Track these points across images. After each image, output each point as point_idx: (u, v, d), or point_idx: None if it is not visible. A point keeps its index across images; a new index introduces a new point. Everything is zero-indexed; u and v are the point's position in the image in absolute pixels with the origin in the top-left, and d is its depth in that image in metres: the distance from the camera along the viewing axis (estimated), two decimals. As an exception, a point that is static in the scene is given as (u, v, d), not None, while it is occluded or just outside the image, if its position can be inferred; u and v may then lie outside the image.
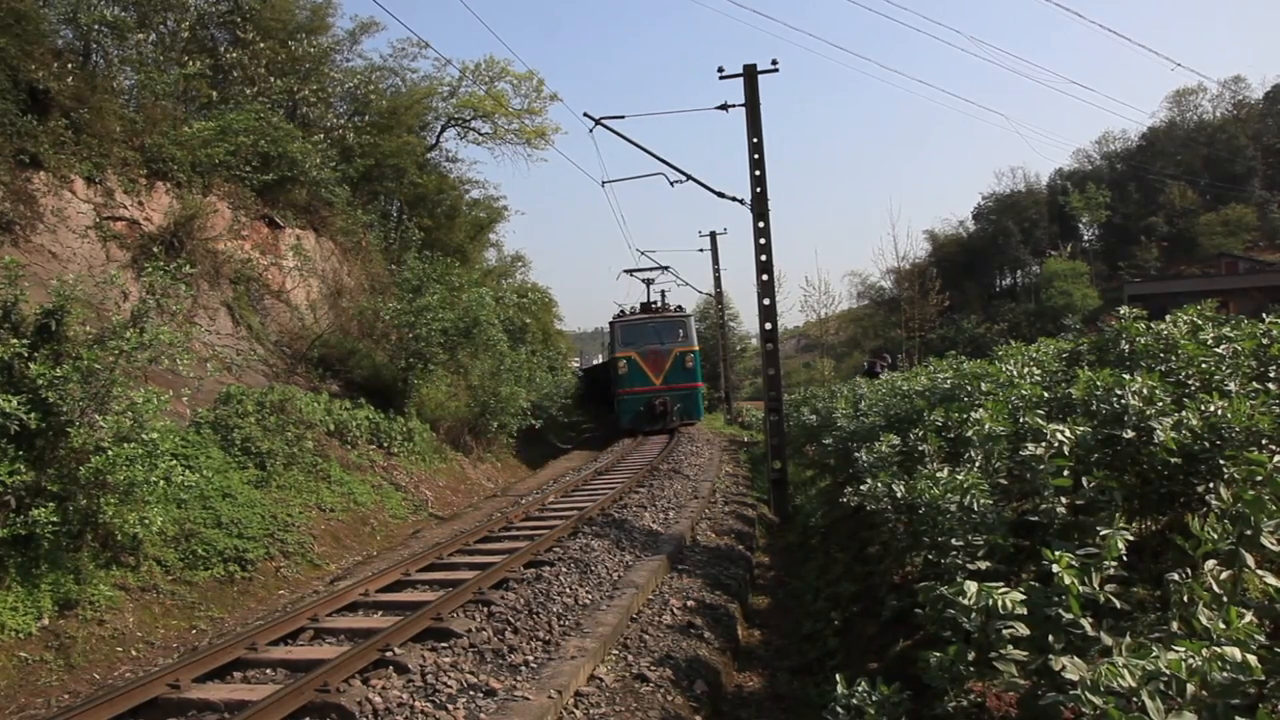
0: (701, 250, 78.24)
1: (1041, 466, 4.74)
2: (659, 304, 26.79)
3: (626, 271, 31.46)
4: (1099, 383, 5.32)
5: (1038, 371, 8.20)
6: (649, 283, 29.53)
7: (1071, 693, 2.62)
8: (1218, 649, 2.54)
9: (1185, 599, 3.27)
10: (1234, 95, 74.44)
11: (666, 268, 29.14)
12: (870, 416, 10.61)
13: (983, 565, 4.70)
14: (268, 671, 5.59)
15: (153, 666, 6.37)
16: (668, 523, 10.51)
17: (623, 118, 15.54)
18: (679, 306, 26.38)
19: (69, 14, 14.71)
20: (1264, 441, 4.25)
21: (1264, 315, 7.12)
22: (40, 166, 11.93)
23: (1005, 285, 71.94)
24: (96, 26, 15.20)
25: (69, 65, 13.57)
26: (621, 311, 25.99)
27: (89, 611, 7.00)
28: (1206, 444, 4.39)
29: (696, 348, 24.75)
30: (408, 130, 26.61)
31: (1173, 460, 4.48)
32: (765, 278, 14.57)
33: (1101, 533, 3.57)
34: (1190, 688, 2.48)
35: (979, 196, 79.46)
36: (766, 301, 14.60)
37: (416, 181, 26.67)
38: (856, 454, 8.04)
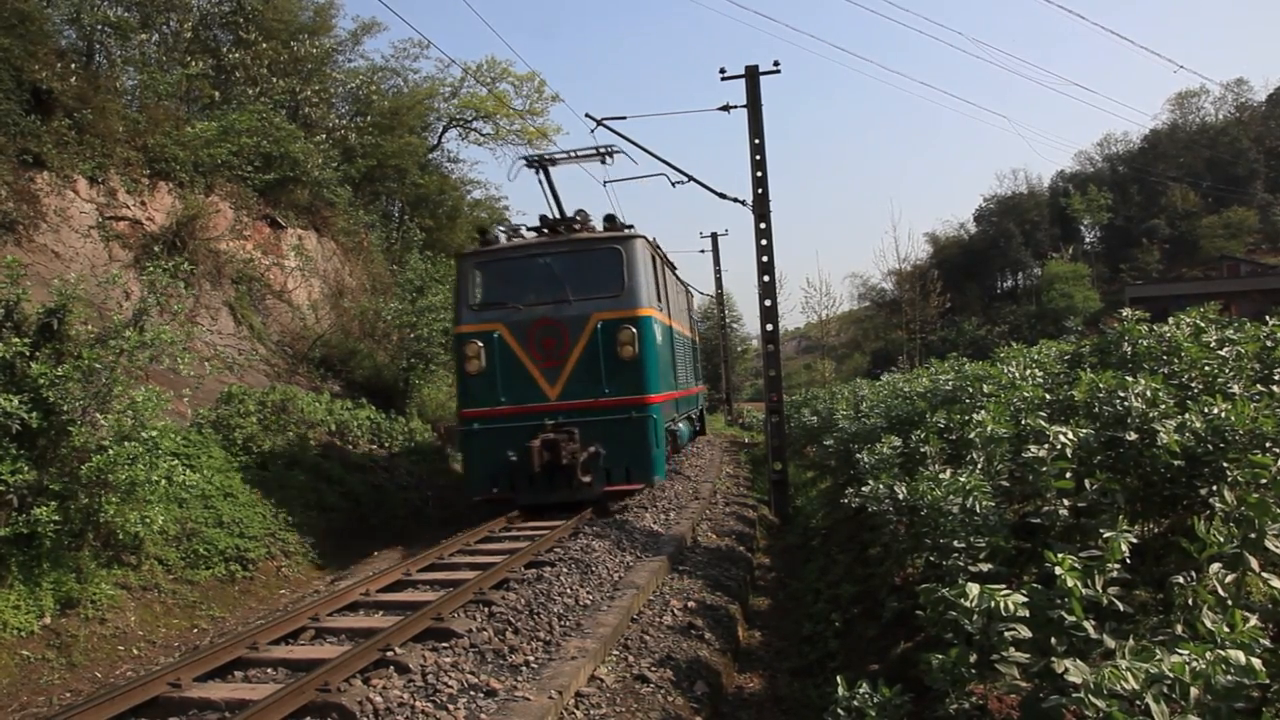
0: (703, 251, 78.81)
1: (1044, 468, 4.74)
2: (581, 221, 11.80)
3: (526, 162, 12.45)
4: (1101, 385, 5.32)
5: (1039, 373, 8.19)
6: (544, 166, 12.20)
7: (1074, 695, 2.62)
8: (1222, 652, 2.54)
9: (1189, 602, 3.27)
10: (1236, 97, 74.54)
11: (609, 150, 12.34)
12: (871, 418, 10.61)
13: (984, 567, 4.69)
14: (268, 671, 5.59)
15: (154, 665, 6.37)
16: (668, 523, 10.50)
17: (624, 118, 15.44)
18: (610, 218, 11.68)
19: (72, 15, 14.76)
20: (1267, 444, 4.24)
21: (1266, 318, 7.12)
22: (43, 166, 11.96)
23: (1006, 287, 71.99)
24: (99, 27, 15.25)
25: (72, 65, 13.60)
26: (485, 238, 11.97)
27: (90, 610, 7.01)
28: (1210, 446, 4.39)
29: (650, 311, 10.87)
30: (409, 131, 26.64)
31: (1176, 463, 4.48)
32: (767, 279, 14.57)
33: (1104, 535, 3.56)
34: (1194, 691, 2.48)
35: (980, 198, 79.68)
36: (768, 303, 14.60)
37: (418, 182, 26.70)
38: (857, 455, 8.04)
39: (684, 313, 16.13)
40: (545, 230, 11.77)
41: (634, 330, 10.49)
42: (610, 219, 11.65)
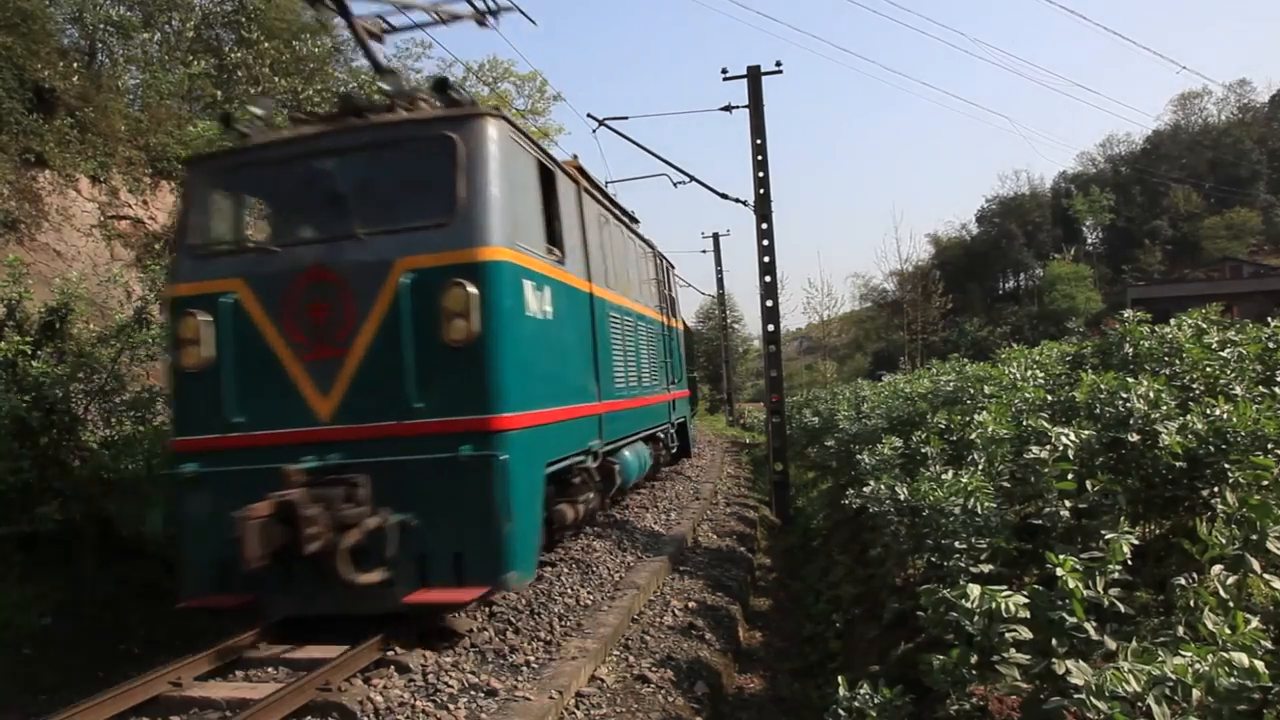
0: (704, 251, 78.91)
1: (1045, 469, 4.74)
2: (401, 97, 6.13)
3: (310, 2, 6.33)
4: (1103, 386, 5.31)
5: (1041, 375, 8.19)
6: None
7: (1076, 697, 2.62)
8: (1224, 654, 2.53)
9: (1190, 603, 3.27)
10: (1239, 98, 74.63)
11: (492, 8, 7.04)
12: (872, 419, 10.61)
13: (985, 568, 4.69)
14: (269, 670, 5.58)
15: (155, 664, 6.37)
16: (669, 524, 10.50)
17: (626, 119, 15.43)
18: (441, 84, 5.95)
19: (75, 13, 14.78)
20: (1270, 446, 4.24)
21: (1268, 319, 7.12)
22: (46, 165, 11.97)
23: (1008, 288, 72.03)
24: (102, 26, 15.28)
25: (75, 64, 13.64)
26: (231, 130, 6.20)
27: (92, 609, 7.01)
28: (1211, 448, 4.38)
29: (507, 254, 5.51)
30: (412, 130, 26.61)
31: (1177, 464, 4.47)
32: (768, 279, 14.56)
33: (1105, 536, 3.56)
34: (1196, 693, 2.48)
35: (982, 199, 79.72)
36: (769, 303, 14.59)
37: (420, 181, 26.66)
38: (859, 456, 8.03)
39: (647, 284, 11.56)
40: (341, 116, 6.16)
41: (469, 290, 5.35)
42: (441, 86, 6.08)
